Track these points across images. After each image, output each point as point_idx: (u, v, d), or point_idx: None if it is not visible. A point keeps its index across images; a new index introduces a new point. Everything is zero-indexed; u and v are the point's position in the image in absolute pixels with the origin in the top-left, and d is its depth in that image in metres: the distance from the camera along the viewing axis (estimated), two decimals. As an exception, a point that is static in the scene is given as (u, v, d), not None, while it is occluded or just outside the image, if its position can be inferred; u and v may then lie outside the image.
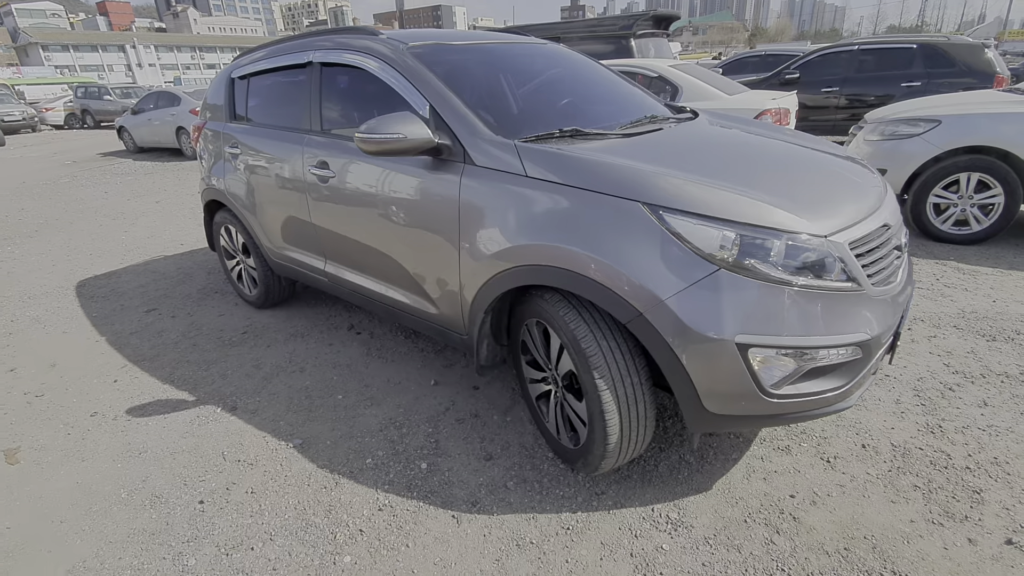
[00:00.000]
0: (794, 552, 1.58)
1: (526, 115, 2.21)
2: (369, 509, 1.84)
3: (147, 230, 5.67)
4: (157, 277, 4.23)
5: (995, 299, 3.10)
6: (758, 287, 1.45)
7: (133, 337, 3.23)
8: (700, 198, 1.51)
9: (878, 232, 1.64)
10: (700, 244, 1.47)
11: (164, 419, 2.41)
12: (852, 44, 7.98)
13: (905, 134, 4.14)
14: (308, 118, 2.57)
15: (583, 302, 1.67)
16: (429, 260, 2.09)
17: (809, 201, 1.58)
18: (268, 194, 2.88)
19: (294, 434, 2.26)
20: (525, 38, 2.86)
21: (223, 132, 3.20)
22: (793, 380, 1.51)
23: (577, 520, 1.74)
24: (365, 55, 2.29)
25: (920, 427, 2.06)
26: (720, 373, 1.48)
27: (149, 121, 11.40)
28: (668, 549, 1.62)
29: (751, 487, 1.83)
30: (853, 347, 1.51)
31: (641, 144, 1.92)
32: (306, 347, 2.99)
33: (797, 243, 1.47)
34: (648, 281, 1.49)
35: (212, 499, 1.93)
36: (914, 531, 1.63)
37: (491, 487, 1.90)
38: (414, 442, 2.16)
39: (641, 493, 1.83)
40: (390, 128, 1.84)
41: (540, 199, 1.71)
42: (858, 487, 1.80)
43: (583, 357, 1.62)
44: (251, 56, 3.10)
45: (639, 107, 2.48)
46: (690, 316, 1.45)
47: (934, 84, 7.04)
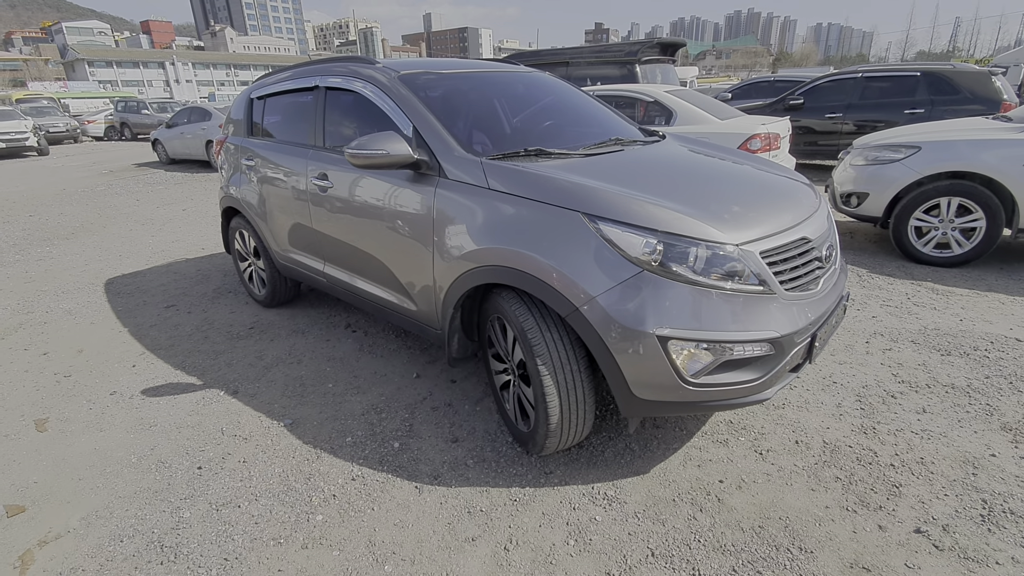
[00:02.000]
0: (712, 527, 1.77)
1: (499, 136, 2.48)
2: (343, 479, 2.07)
3: (172, 235, 6.07)
4: (178, 277, 4.57)
5: (962, 318, 3.22)
6: (676, 287, 1.66)
7: (152, 329, 3.55)
8: (630, 209, 1.74)
9: (796, 244, 1.85)
10: (628, 249, 1.69)
11: (173, 399, 2.69)
12: (857, 71, 8.15)
13: (887, 159, 4.30)
14: (313, 135, 2.88)
15: (532, 299, 1.90)
16: (408, 261, 2.35)
17: (730, 214, 1.80)
18: (277, 202, 3.19)
19: (286, 415, 2.51)
20: (513, 67, 3.15)
21: (241, 146, 3.54)
22: (710, 371, 1.71)
23: (524, 494, 1.95)
24: (362, 81, 2.59)
25: (855, 428, 2.23)
26: (644, 363, 1.69)
27: (181, 134, 12.06)
28: (600, 520, 1.82)
29: (685, 472, 2.01)
30: (765, 343, 1.71)
31: (596, 163, 2.16)
32: (305, 342, 3.27)
33: (712, 250, 1.69)
34: (583, 280, 1.71)
35: (209, 466, 2.18)
36: (827, 515, 1.80)
37: (453, 465, 2.12)
38: (391, 425, 2.39)
39: (585, 473, 2.03)
40: (376, 145, 2.12)
41: (498, 208, 1.96)
42: (783, 476, 1.97)
43: (529, 346, 1.84)
44: (269, 79, 3.44)
45: (608, 130, 2.73)
46: (617, 311, 1.67)
47: (938, 111, 7.14)
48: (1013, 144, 3.76)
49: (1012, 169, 3.75)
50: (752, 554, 1.66)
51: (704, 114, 5.27)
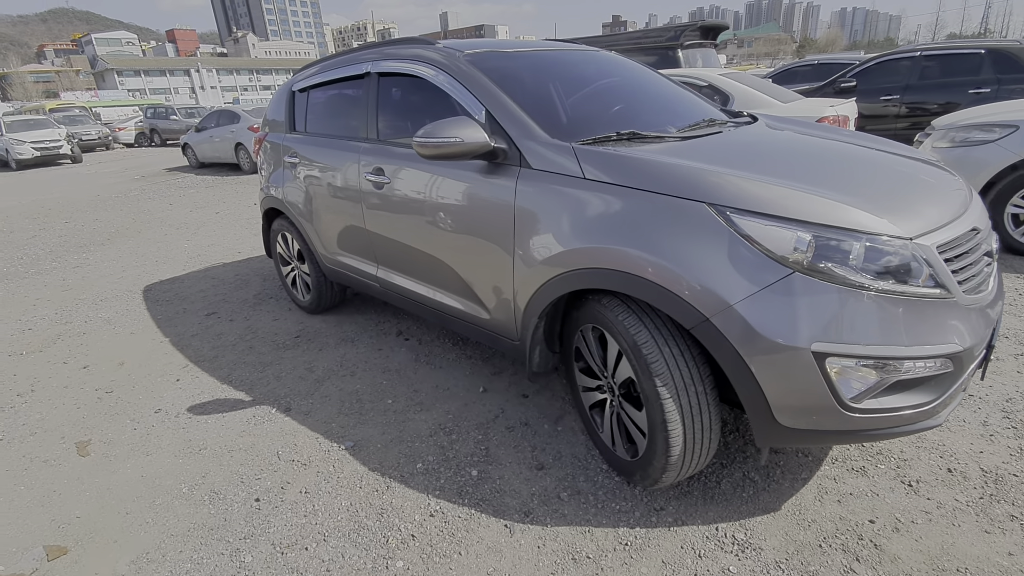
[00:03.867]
0: (877, 582, 1.46)
1: (581, 119, 2.19)
2: (421, 514, 1.81)
3: (208, 239, 5.93)
4: (216, 283, 4.40)
5: (1090, 316, 2.84)
6: (836, 292, 1.36)
7: (194, 339, 3.36)
8: (771, 198, 1.44)
9: (967, 236, 1.52)
10: (772, 246, 1.39)
11: (222, 417, 2.48)
12: (914, 50, 7.62)
13: (978, 140, 3.88)
14: (365, 127, 2.63)
15: (644, 306, 1.61)
16: (482, 264, 2.08)
17: (889, 202, 1.48)
18: (324, 201, 2.95)
19: (346, 436, 2.27)
20: (577, 46, 2.85)
21: (282, 143, 3.32)
22: (875, 393, 1.40)
23: (635, 536, 1.66)
24: (421, 63, 2.33)
25: (1012, 451, 1.88)
26: (794, 384, 1.39)
27: (211, 138, 12.06)
28: (735, 572, 1.52)
29: (824, 510, 1.70)
30: (943, 359, 1.39)
31: (701, 146, 1.86)
32: (356, 352, 3.03)
33: (878, 245, 1.37)
34: (715, 285, 1.42)
35: (267, 497, 1.95)
36: (1014, 565, 1.47)
37: (544, 497, 1.85)
38: (464, 448, 2.13)
39: (703, 511, 1.73)
40: (447, 132, 1.85)
41: (599, 201, 1.67)
42: (946, 514, 1.65)
43: (644, 364, 1.55)
44: (311, 69, 3.21)
45: (696, 111, 2.42)
46: (761, 322, 1.37)
47: (1005, 91, 6.62)
48: None
49: None
50: (937, 619, 1.35)
51: (764, 97, 4.90)
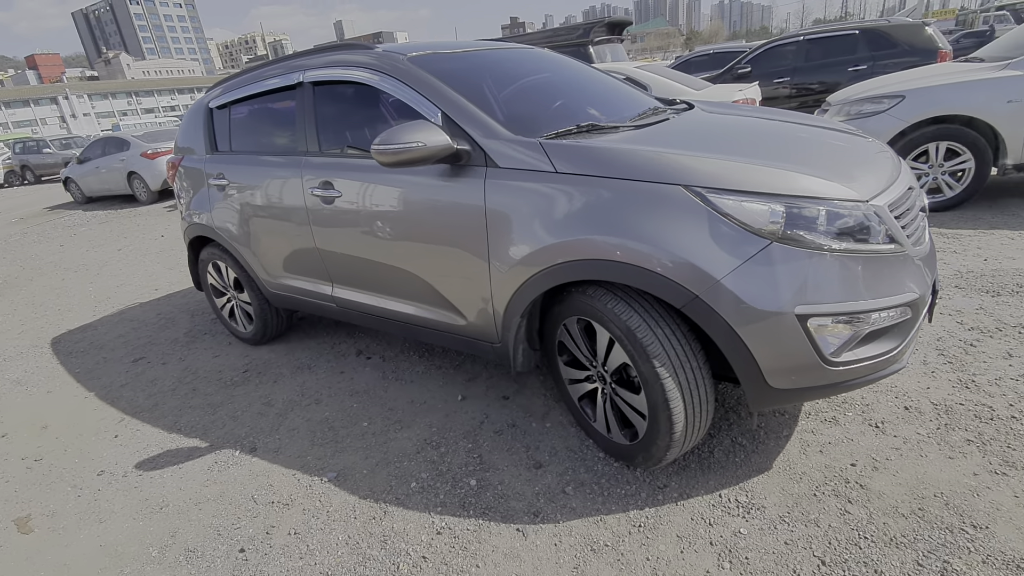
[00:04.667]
0: (871, 519, 1.57)
1: (538, 115, 2.19)
2: (427, 534, 1.74)
3: (114, 279, 5.38)
4: (137, 325, 4.00)
5: (986, 258, 3.23)
6: (809, 256, 1.45)
7: (125, 389, 3.03)
8: (741, 176, 1.51)
9: (906, 195, 1.68)
10: (749, 220, 1.46)
11: (179, 469, 2.25)
12: (798, 35, 8.35)
13: (870, 112, 4.31)
14: (304, 140, 2.49)
15: (631, 292, 1.64)
16: (454, 270, 2.03)
17: (839, 170, 1.60)
18: (263, 223, 2.76)
19: (326, 468, 2.14)
20: (512, 44, 2.86)
21: (204, 166, 3.07)
22: (851, 346, 1.51)
23: (647, 516, 1.69)
24: (363, 69, 2.23)
25: (954, 383, 2.11)
26: (782, 347, 1.47)
27: (97, 169, 10.95)
28: (746, 533, 1.59)
29: (810, 461, 1.82)
30: (903, 307, 1.53)
31: (657, 133, 1.92)
32: (316, 378, 2.86)
33: (840, 209, 1.48)
34: (701, 262, 1.47)
35: (253, 546, 1.80)
36: (980, 484, 1.65)
37: (549, 495, 1.83)
38: (457, 460, 2.07)
39: (704, 481, 1.80)
40: (407, 137, 1.79)
41: (574, 194, 1.68)
42: (913, 448, 1.81)
43: (640, 347, 1.58)
44: (229, 84, 2.99)
45: (639, 102, 2.50)
46: (748, 293, 1.44)
47: (879, 66, 7.37)
48: (994, 83, 3.82)
49: (996, 107, 3.81)
50: (928, 542, 1.48)
51: (678, 86, 5.17)
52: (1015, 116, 3.78)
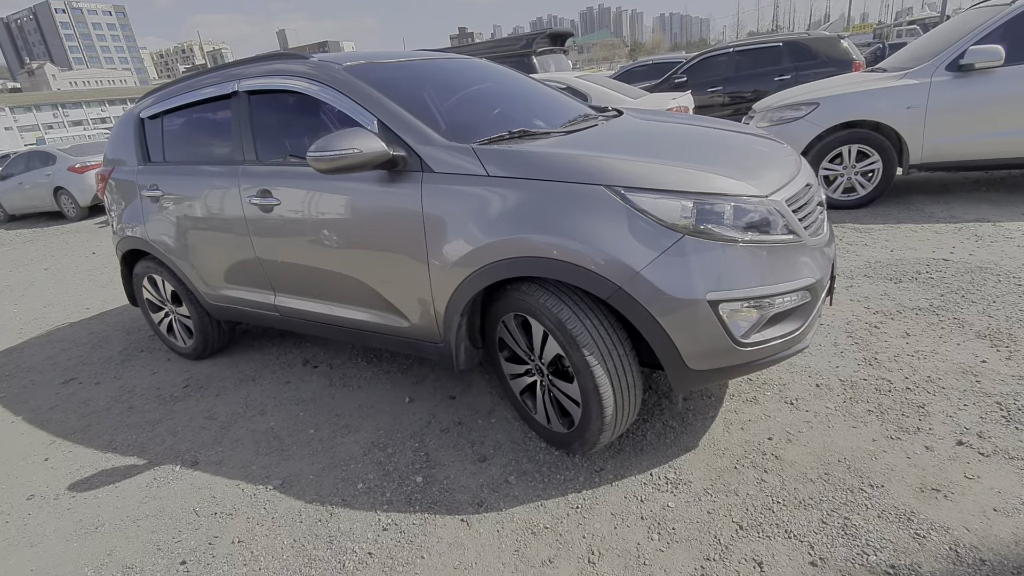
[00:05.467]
0: (783, 485, 1.72)
1: (471, 122, 2.28)
2: (373, 531, 1.77)
3: (41, 300, 5.10)
4: (67, 346, 3.82)
5: (892, 249, 3.54)
6: (717, 247, 1.59)
7: (55, 411, 2.90)
8: (658, 175, 1.64)
9: (804, 191, 1.86)
10: (663, 216, 1.59)
11: (115, 488, 2.19)
12: (728, 47, 8.84)
13: (790, 118, 4.64)
14: (241, 149, 2.48)
15: (561, 286, 1.74)
16: (396, 273, 2.08)
17: (746, 169, 1.76)
18: (200, 234, 2.72)
19: (271, 476, 2.13)
20: (450, 55, 2.95)
21: (136, 178, 2.99)
22: (759, 328, 1.66)
23: (584, 498, 1.78)
24: (298, 78, 2.26)
25: (859, 362, 2.32)
26: (698, 331, 1.60)
27: (20, 186, 10.31)
28: (674, 506, 1.70)
29: (732, 437, 1.97)
30: (802, 291, 1.69)
31: (585, 138, 2.04)
32: (261, 389, 2.83)
33: (743, 204, 1.63)
34: (621, 256, 1.59)
35: (195, 557, 1.78)
36: (878, 448, 1.83)
37: (493, 486, 1.90)
38: (403, 459, 2.11)
39: (637, 462, 1.91)
40: (343, 144, 1.84)
41: (505, 196, 1.77)
42: (822, 420, 1.99)
43: (570, 338, 1.68)
44: (161, 94, 2.94)
45: (572, 108, 2.63)
46: (664, 282, 1.56)
47: (802, 75, 7.91)
48: (896, 91, 4.21)
49: (898, 113, 4.19)
50: (831, 501, 1.64)
51: (616, 95, 5.39)
52: (914, 121, 4.17)
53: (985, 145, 4.08)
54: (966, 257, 3.25)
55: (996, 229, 3.66)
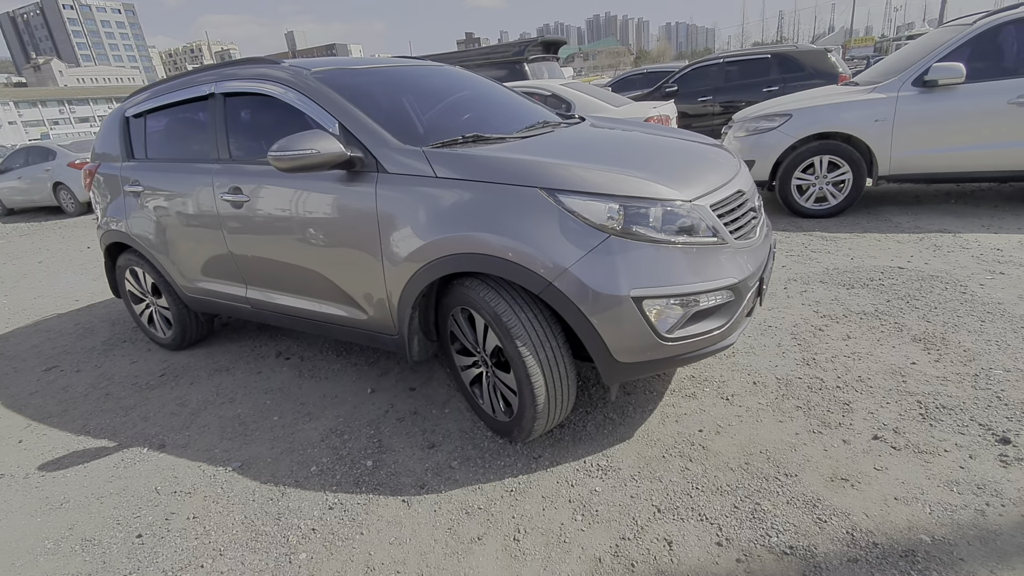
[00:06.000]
0: (705, 473, 1.83)
1: (430, 126, 2.40)
2: (319, 510, 1.88)
3: (32, 291, 5.23)
4: (53, 335, 3.93)
5: (852, 257, 3.65)
6: (642, 247, 1.70)
7: (34, 397, 3.01)
8: (587, 179, 1.76)
9: (734, 197, 1.97)
10: (591, 216, 1.71)
11: (84, 468, 2.30)
12: (718, 58, 8.99)
13: (765, 128, 4.77)
14: (215, 148, 2.60)
15: (500, 282, 1.86)
16: (353, 268, 2.19)
17: (675, 175, 1.88)
18: (178, 228, 2.84)
19: (231, 459, 2.24)
20: (424, 62, 3.07)
21: (120, 173, 3.12)
22: (682, 324, 1.76)
23: (519, 482, 1.89)
24: (269, 82, 2.38)
25: (798, 362, 2.43)
26: (623, 326, 1.71)
27: (19, 180, 10.46)
28: (600, 491, 1.81)
29: (666, 429, 2.07)
30: (725, 290, 1.80)
31: (536, 143, 2.16)
32: (233, 379, 2.94)
33: (668, 208, 1.75)
34: (553, 254, 1.70)
35: (151, 531, 1.88)
36: (799, 441, 1.93)
37: (437, 470, 2.01)
38: (357, 445, 2.22)
39: (573, 450, 2.02)
40: (302, 145, 1.96)
41: (450, 196, 1.89)
42: (752, 415, 2.10)
43: (505, 330, 1.79)
44: (145, 94, 3.07)
45: (532, 115, 2.75)
46: (591, 279, 1.67)
47: (790, 87, 8.04)
48: (864, 104, 4.33)
49: (866, 126, 4.32)
50: (746, 488, 1.74)
51: (600, 103, 5.52)
52: (881, 134, 4.29)
53: (949, 159, 4.20)
54: (921, 266, 3.36)
55: (955, 240, 3.77)
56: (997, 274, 3.12)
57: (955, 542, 1.49)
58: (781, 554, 1.51)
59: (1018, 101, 3.94)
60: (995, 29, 4.10)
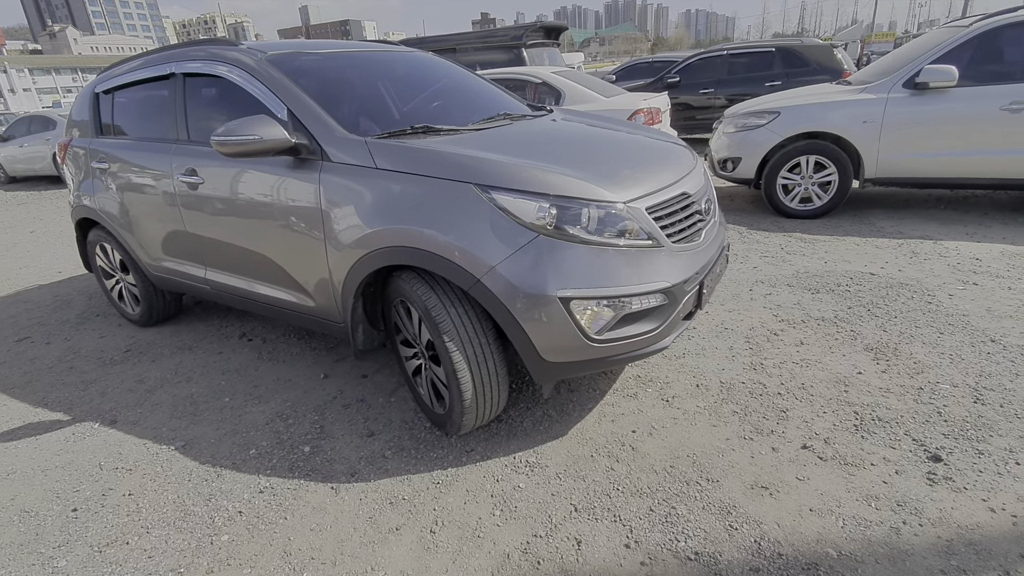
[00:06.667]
0: (628, 474, 1.84)
1: (384, 115, 2.38)
2: (249, 493, 1.91)
3: (19, 261, 5.29)
4: (30, 306, 3.99)
5: (826, 260, 3.61)
6: (572, 248, 1.69)
7: (2, 367, 3.06)
8: (520, 176, 1.74)
9: (677, 199, 1.95)
10: (522, 215, 1.69)
11: (35, 440, 2.34)
12: (722, 50, 8.82)
13: (753, 125, 4.69)
14: (175, 128, 2.60)
15: (434, 276, 1.85)
16: (300, 254, 2.20)
17: (614, 175, 1.86)
18: (141, 207, 2.86)
19: (176, 438, 2.27)
20: (394, 47, 3.04)
21: (89, 148, 3.13)
22: (612, 326, 1.76)
23: (447, 475, 1.91)
24: (226, 64, 2.37)
25: (745, 366, 2.42)
26: (550, 326, 1.70)
27: (21, 148, 10.51)
28: (523, 487, 1.83)
29: (601, 428, 2.08)
30: (658, 294, 1.79)
31: (485, 136, 2.14)
32: (194, 358, 2.97)
33: (602, 210, 1.73)
34: (481, 251, 1.69)
35: (86, 506, 1.92)
36: (728, 447, 1.93)
37: (371, 459, 2.03)
38: (299, 430, 2.25)
39: (506, 446, 2.03)
40: (246, 130, 1.95)
41: (388, 187, 1.88)
42: (688, 418, 2.10)
43: (434, 324, 1.80)
44: (114, 70, 3.06)
45: (496, 106, 2.72)
46: (518, 277, 1.67)
47: (793, 82, 7.88)
48: (853, 104, 4.25)
49: (853, 126, 4.24)
50: (666, 492, 1.75)
51: (591, 92, 5.44)
52: (869, 135, 4.21)
53: (937, 163, 4.12)
54: (893, 272, 3.33)
55: (935, 247, 3.72)
56: (970, 284, 3.08)
57: (862, 559, 1.49)
58: (685, 559, 1.52)
59: (1011, 107, 3.85)
60: (992, 32, 3.99)
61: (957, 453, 1.82)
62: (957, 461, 1.79)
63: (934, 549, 1.50)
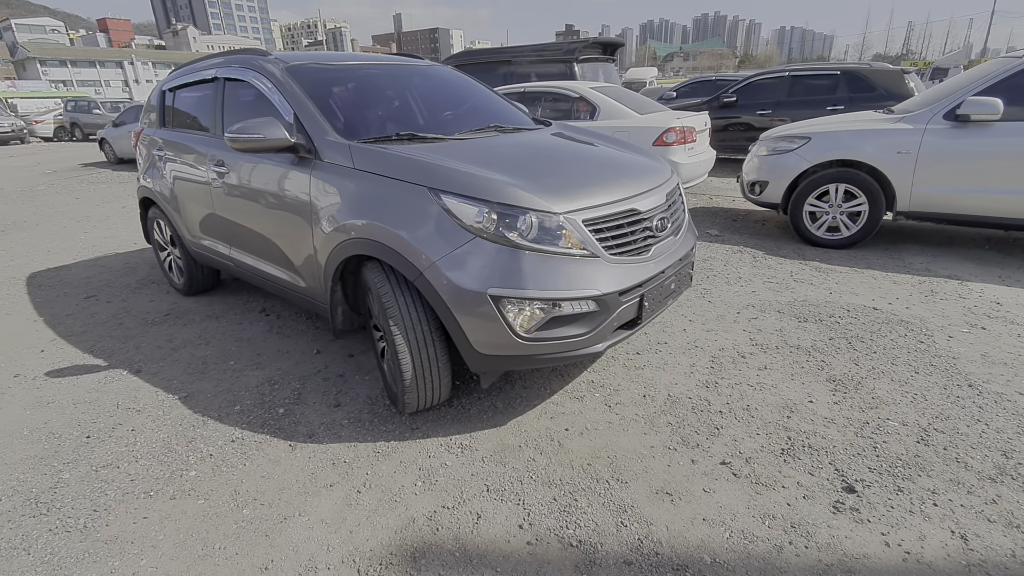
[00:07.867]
0: (547, 466, 1.97)
1: (379, 122, 2.65)
2: (223, 440, 2.21)
3: (107, 231, 6.06)
4: (103, 270, 4.61)
5: (832, 291, 3.53)
6: (508, 251, 1.86)
7: (68, 318, 3.61)
8: (467, 182, 1.94)
9: (624, 214, 2.07)
10: (463, 217, 1.89)
11: (76, 379, 2.79)
12: (784, 71, 8.57)
13: (784, 149, 4.62)
14: (214, 124, 3.01)
15: (387, 266, 2.08)
16: (294, 240, 2.50)
17: (561, 188, 2.01)
18: (185, 190, 3.30)
19: (182, 390, 2.63)
20: (415, 61, 3.32)
21: (153, 137, 3.63)
22: (541, 326, 1.91)
23: (388, 447, 2.13)
24: (254, 72, 2.73)
25: (699, 384, 2.47)
26: (481, 320, 1.88)
27: (129, 133, 11.87)
28: (450, 465, 2.01)
29: (538, 424, 2.22)
30: (588, 300, 1.92)
31: (461, 146, 2.35)
32: (217, 325, 3.38)
33: (539, 218, 1.89)
34: (426, 247, 1.90)
35: (98, 435, 2.30)
36: (650, 453, 2.02)
37: (330, 425, 2.29)
38: (281, 395, 2.54)
39: (448, 428, 2.22)
40: (254, 130, 2.27)
41: (361, 186, 2.13)
42: (623, 423, 2.20)
43: (383, 309, 2.02)
44: (179, 71, 3.55)
45: (492, 119, 2.92)
46: (455, 274, 1.86)
47: (856, 107, 7.53)
48: (888, 134, 4.10)
49: (887, 157, 4.09)
50: (574, 486, 1.88)
51: (625, 109, 5.54)
52: (903, 167, 4.05)
53: (975, 200, 3.89)
54: (899, 309, 3.21)
55: (958, 287, 3.53)
56: (976, 328, 2.94)
57: (734, 568, 1.56)
58: (568, 545, 1.65)
59: (1062, 146, 3.59)
60: (1047, 64, 3.74)
61: (875, 487, 1.82)
62: (872, 495, 1.79)
63: (810, 571, 1.54)
